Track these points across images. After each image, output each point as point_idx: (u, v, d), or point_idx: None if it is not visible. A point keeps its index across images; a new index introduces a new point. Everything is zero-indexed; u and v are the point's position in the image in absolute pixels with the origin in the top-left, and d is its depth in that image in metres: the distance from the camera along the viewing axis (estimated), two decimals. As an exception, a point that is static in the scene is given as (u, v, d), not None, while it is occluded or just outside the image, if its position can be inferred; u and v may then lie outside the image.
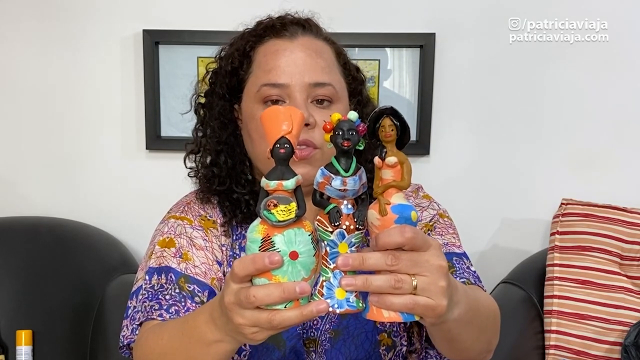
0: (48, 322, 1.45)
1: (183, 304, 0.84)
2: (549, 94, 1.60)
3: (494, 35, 1.58)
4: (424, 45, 1.56)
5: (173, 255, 0.89)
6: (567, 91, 1.60)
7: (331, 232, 0.61)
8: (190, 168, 1.00)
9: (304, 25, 0.91)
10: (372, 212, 0.60)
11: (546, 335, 1.43)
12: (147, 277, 0.89)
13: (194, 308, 0.83)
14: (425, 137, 1.59)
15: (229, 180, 0.93)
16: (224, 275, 0.90)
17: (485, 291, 0.91)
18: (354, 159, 0.60)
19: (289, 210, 0.58)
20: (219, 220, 0.94)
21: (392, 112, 0.60)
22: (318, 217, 0.62)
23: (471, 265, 0.94)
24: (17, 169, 1.66)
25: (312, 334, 0.87)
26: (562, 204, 1.53)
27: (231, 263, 0.90)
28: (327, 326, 0.87)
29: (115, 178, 1.65)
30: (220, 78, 0.94)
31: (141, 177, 1.64)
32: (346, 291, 0.61)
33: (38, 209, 1.64)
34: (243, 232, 0.94)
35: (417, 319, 0.61)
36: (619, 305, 1.40)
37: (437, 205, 1.00)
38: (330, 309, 0.60)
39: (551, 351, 1.41)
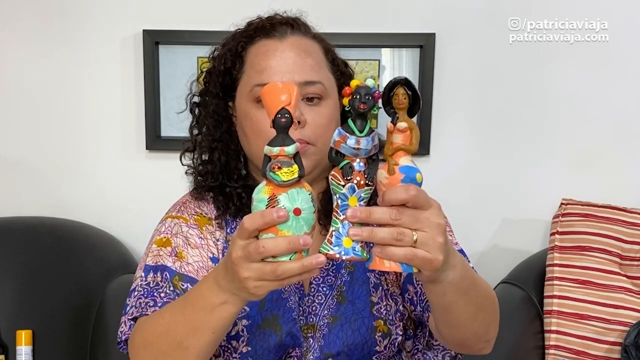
0: (48, 322, 1.45)
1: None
2: (548, 94, 1.60)
3: (494, 35, 1.58)
4: (424, 45, 1.56)
5: (169, 254, 0.91)
6: (567, 91, 1.60)
7: (343, 186, 0.67)
8: (186, 166, 1.02)
9: (293, 25, 0.93)
10: (381, 172, 0.67)
11: (546, 335, 1.43)
12: (143, 274, 0.91)
13: None
14: (425, 137, 1.59)
15: (222, 176, 0.96)
16: None
17: None
18: (369, 121, 0.67)
19: (292, 171, 0.65)
20: (213, 215, 0.97)
21: (406, 82, 0.66)
22: (332, 172, 0.68)
23: (469, 261, 0.93)
24: (17, 169, 1.66)
25: (311, 320, 0.90)
26: (562, 204, 1.53)
27: (223, 254, 0.93)
28: (326, 312, 0.91)
29: (115, 178, 1.65)
30: (214, 77, 0.97)
31: (141, 177, 1.64)
32: (353, 240, 0.67)
33: (38, 209, 1.64)
34: (237, 224, 0.96)
35: (415, 271, 0.67)
36: (619, 305, 1.40)
37: None
38: (337, 255, 0.67)
39: (551, 351, 1.41)
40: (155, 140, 1.61)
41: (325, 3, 1.56)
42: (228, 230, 0.96)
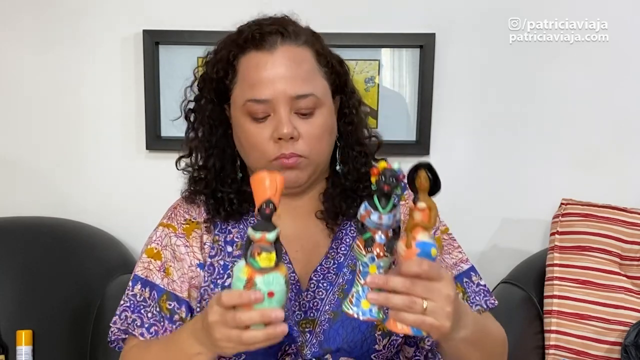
0: (48, 322, 1.45)
1: (162, 324, 0.94)
2: (548, 94, 1.60)
3: (494, 35, 1.58)
4: (423, 45, 1.56)
5: (158, 269, 0.96)
6: (567, 91, 1.60)
7: (364, 255, 0.76)
8: (182, 169, 1.03)
9: (282, 33, 0.91)
10: (401, 244, 0.74)
11: (546, 335, 1.43)
12: (131, 284, 0.97)
13: (170, 329, 0.93)
14: (425, 137, 1.59)
15: (215, 182, 0.98)
16: (209, 276, 0.95)
17: (494, 302, 0.99)
18: (392, 199, 0.75)
19: (270, 258, 0.72)
20: (202, 219, 0.99)
21: (428, 167, 0.74)
22: (357, 240, 0.77)
23: (480, 279, 1.01)
24: (17, 169, 1.66)
25: (311, 315, 0.92)
26: (562, 204, 1.53)
27: (212, 257, 0.96)
28: (327, 307, 0.92)
29: (115, 178, 1.65)
30: (207, 84, 0.97)
31: (141, 177, 1.64)
32: (370, 303, 0.76)
33: (38, 209, 1.64)
34: (229, 227, 0.98)
35: (424, 334, 0.75)
36: (619, 305, 1.41)
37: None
38: (355, 315, 0.77)
39: (551, 351, 1.41)
40: (155, 140, 1.61)
41: (325, 3, 1.56)
42: (216, 232, 0.98)
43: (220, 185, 0.97)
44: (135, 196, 1.65)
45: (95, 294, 1.45)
